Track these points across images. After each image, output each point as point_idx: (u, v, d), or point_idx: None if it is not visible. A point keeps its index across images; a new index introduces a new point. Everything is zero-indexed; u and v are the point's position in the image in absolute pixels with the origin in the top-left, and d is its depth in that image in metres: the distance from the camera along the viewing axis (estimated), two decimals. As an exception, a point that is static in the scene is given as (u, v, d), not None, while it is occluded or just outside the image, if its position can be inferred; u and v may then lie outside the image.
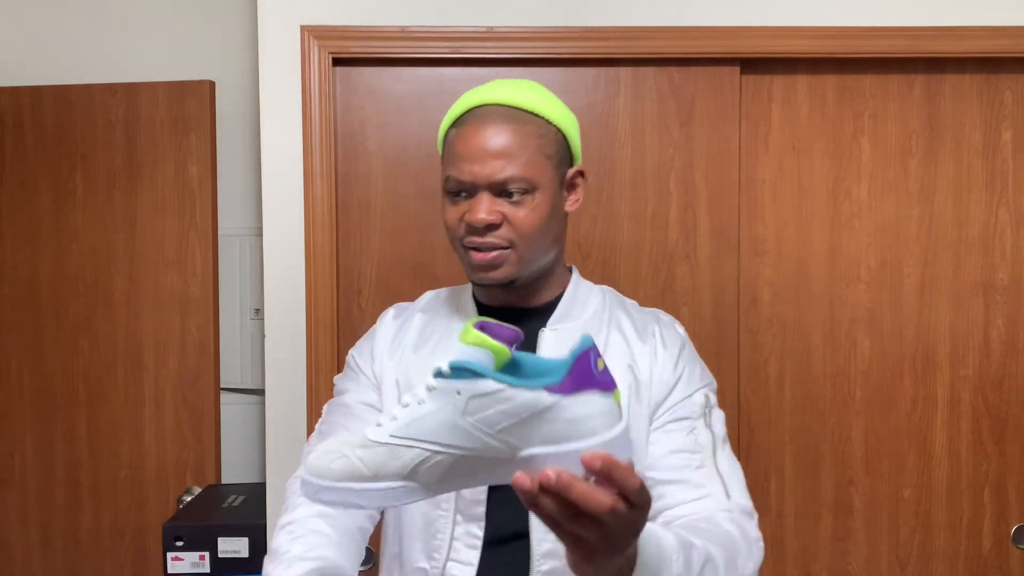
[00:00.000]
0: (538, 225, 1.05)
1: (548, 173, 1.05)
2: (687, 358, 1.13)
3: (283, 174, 1.85)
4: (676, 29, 1.83)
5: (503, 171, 1.02)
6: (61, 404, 2.25)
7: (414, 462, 0.71)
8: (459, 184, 1.04)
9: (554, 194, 1.07)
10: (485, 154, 1.02)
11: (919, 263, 1.94)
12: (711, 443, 1.07)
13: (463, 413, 0.70)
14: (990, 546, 1.95)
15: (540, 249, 1.07)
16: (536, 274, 1.10)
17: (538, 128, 1.05)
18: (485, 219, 1.02)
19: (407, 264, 1.90)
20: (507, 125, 1.03)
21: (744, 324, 1.92)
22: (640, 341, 1.12)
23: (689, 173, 1.90)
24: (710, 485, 1.03)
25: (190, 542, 1.89)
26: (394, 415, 0.73)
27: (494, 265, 1.05)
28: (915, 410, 1.95)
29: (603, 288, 1.20)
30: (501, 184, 1.02)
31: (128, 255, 2.23)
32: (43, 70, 2.29)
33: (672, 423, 1.08)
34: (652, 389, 1.09)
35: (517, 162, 1.02)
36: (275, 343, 1.87)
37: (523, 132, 1.03)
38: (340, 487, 0.73)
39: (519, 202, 1.03)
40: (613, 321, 1.14)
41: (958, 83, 1.92)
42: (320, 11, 1.83)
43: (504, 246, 1.04)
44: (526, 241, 1.05)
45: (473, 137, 1.03)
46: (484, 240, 1.04)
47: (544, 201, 1.05)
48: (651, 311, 1.19)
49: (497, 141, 1.02)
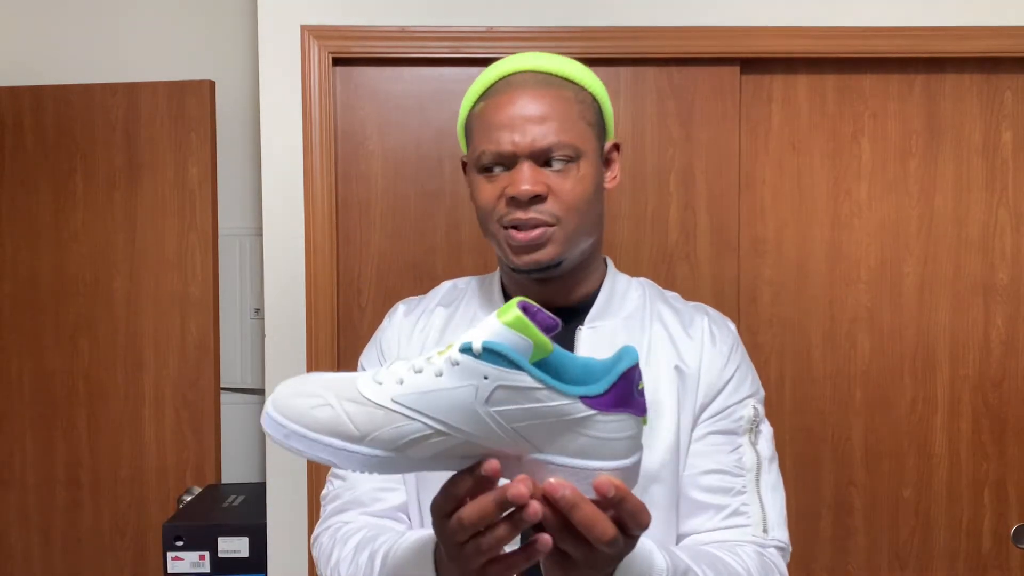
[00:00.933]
0: (584, 198, 0.95)
1: (591, 141, 0.97)
2: (738, 360, 1.03)
3: (283, 174, 1.85)
4: (676, 29, 1.83)
5: (546, 137, 0.93)
6: (61, 404, 2.25)
7: (411, 436, 0.64)
8: (496, 156, 0.95)
9: (597, 166, 0.98)
10: (525, 120, 0.93)
11: (919, 263, 1.94)
12: (755, 465, 0.98)
13: (485, 401, 0.63)
14: (990, 546, 1.95)
15: (585, 228, 0.98)
16: (577, 261, 1.00)
17: (576, 94, 0.97)
18: (530, 190, 0.92)
19: (407, 264, 1.90)
20: (545, 90, 0.95)
21: (744, 324, 1.92)
22: (686, 335, 1.03)
23: (689, 173, 1.90)
24: (748, 514, 0.95)
25: (190, 542, 1.89)
26: (400, 377, 0.65)
27: (538, 244, 0.94)
28: (915, 410, 1.95)
29: (641, 281, 1.11)
30: (545, 151, 0.93)
31: (128, 255, 2.23)
32: (43, 70, 2.29)
33: (715, 435, 0.99)
34: (699, 390, 0.99)
35: (561, 127, 0.93)
36: (275, 343, 1.87)
37: (562, 97, 0.95)
38: (317, 439, 0.64)
39: (564, 172, 0.94)
40: (655, 316, 1.05)
41: (958, 83, 1.92)
42: (320, 11, 1.83)
43: (550, 222, 0.94)
44: (573, 216, 0.95)
45: (509, 105, 0.94)
46: (528, 216, 0.94)
47: (589, 172, 0.96)
48: (697, 304, 1.10)
49: (536, 107, 0.94)
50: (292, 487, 1.87)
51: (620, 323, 1.03)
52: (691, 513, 0.97)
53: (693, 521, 0.96)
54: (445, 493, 0.68)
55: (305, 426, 0.64)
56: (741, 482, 0.97)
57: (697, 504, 0.97)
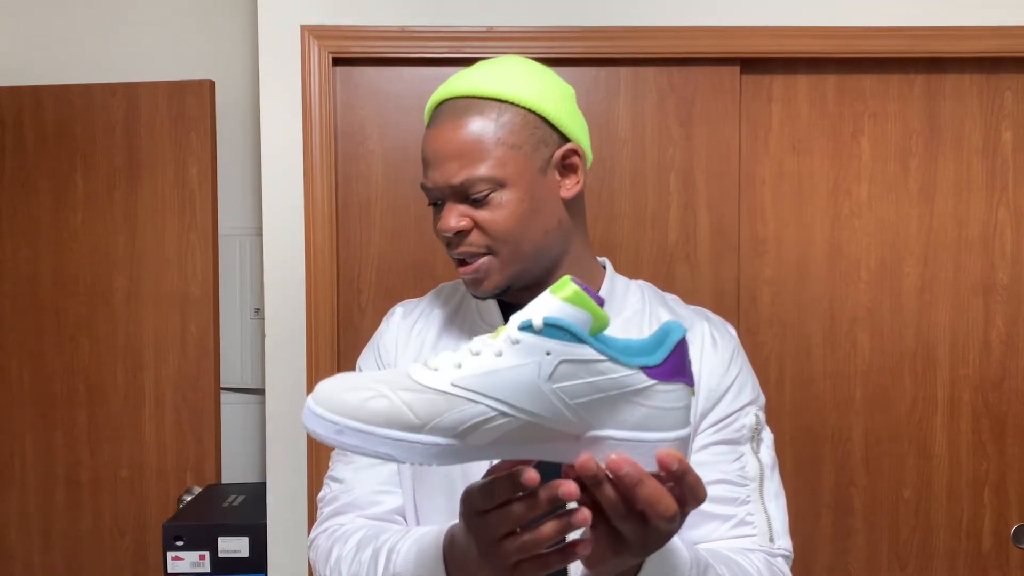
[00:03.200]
0: (512, 224, 0.94)
1: (517, 164, 0.93)
2: (739, 366, 1.02)
3: (283, 174, 1.85)
4: (676, 29, 1.83)
5: (457, 175, 0.92)
6: (61, 404, 2.25)
7: (473, 419, 0.62)
8: (428, 192, 0.97)
9: (531, 185, 0.94)
10: (440, 158, 0.94)
11: (919, 263, 1.94)
12: (758, 474, 0.97)
13: (548, 377, 0.61)
14: (990, 546, 1.95)
15: (528, 248, 0.96)
16: (541, 274, 0.99)
17: (498, 115, 0.93)
18: (452, 227, 0.94)
19: (407, 264, 1.90)
20: (460, 121, 0.93)
21: (744, 324, 1.92)
22: None
23: (689, 173, 1.90)
24: (754, 524, 0.95)
25: (190, 542, 1.89)
26: (457, 362, 0.64)
27: (478, 278, 0.96)
28: (915, 410, 1.95)
29: (641, 283, 1.09)
30: (459, 189, 0.93)
31: (128, 255, 2.23)
32: (43, 70, 2.29)
33: (718, 445, 0.98)
34: (700, 395, 0.98)
35: (470, 162, 0.92)
36: (275, 343, 1.87)
37: (478, 125, 0.93)
38: (373, 432, 0.62)
39: (485, 203, 0.93)
40: (655, 320, 1.04)
41: (958, 83, 1.92)
42: (320, 11, 1.83)
43: (482, 253, 0.95)
44: (506, 244, 0.94)
45: (431, 141, 0.95)
46: (460, 251, 0.95)
47: (515, 196, 0.93)
48: (698, 308, 1.08)
49: (449, 143, 0.93)
50: (292, 487, 1.87)
51: (619, 326, 1.02)
52: (696, 523, 0.95)
53: (699, 531, 0.95)
54: (484, 493, 0.67)
55: (360, 420, 0.62)
56: (745, 492, 0.96)
57: (702, 514, 0.95)
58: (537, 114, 0.95)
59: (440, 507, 0.99)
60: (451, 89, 0.96)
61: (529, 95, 0.95)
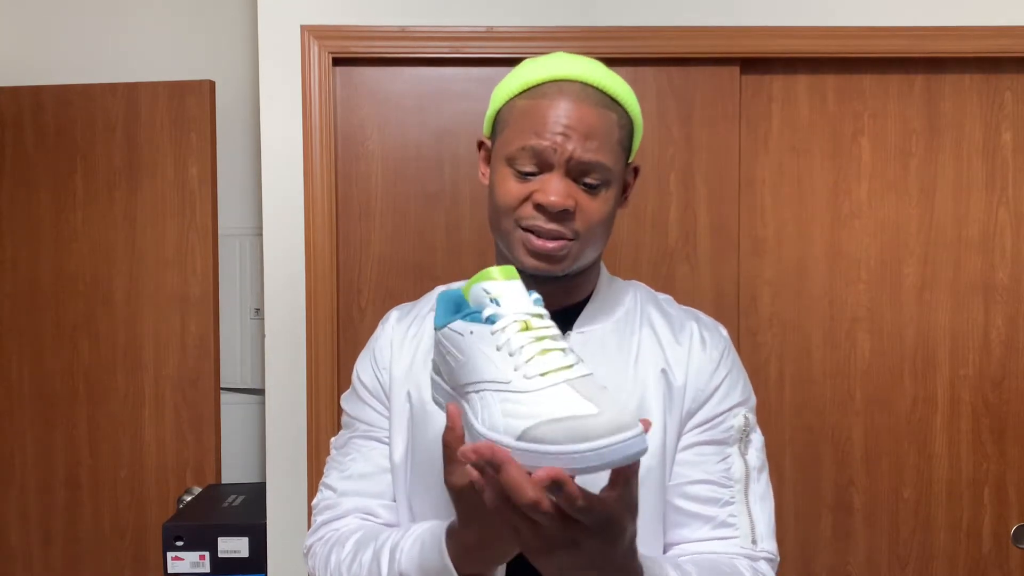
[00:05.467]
0: (606, 219, 0.96)
1: (620, 166, 0.97)
2: (728, 366, 1.01)
3: (283, 174, 1.85)
4: (676, 29, 1.83)
5: (588, 153, 0.91)
6: (61, 404, 2.25)
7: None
8: (536, 157, 0.92)
9: (619, 189, 0.98)
10: (572, 130, 0.91)
11: (919, 263, 1.94)
12: (744, 475, 0.97)
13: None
14: (990, 546, 1.95)
15: (596, 246, 0.98)
16: (578, 271, 1.00)
17: (619, 118, 0.95)
18: (561, 203, 0.91)
19: (407, 264, 1.90)
20: (595, 108, 0.93)
21: (744, 324, 1.92)
22: (675, 341, 1.01)
23: (689, 173, 1.90)
24: (737, 526, 0.95)
25: (190, 542, 1.89)
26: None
27: (556, 256, 0.94)
28: (915, 410, 1.95)
29: (634, 284, 1.10)
30: (584, 166, 0.92)
31: (128, 255, 2.23)
32: (43, 70, 2.29)
33: (704, 445, 0.97)
34: (686, 396, 0.98)
35: (602, 148, 0.92)
36: (275, 343, 1.87)
37: (609, 120, 0.94)
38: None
39: (594, 191, 0.93)
40: (645, 320, 1.04)
41: (958, 83, 1.92)
42: (320, 11, 1.83)
43: (570, 237, 0.93)
44: (592, 235, 0.95)
45: (558, 110, 0.92)
46: (551, 227, 0.92)
47: (614, 195, 0.96)
48: (689, 309, 1.08)
49: (586, 121, 0.92)
50: (292, 487, 1.87)
51: (610, 327, 1.02)
52: (678, 523, 0.96)
53: (680, 531, 0.96)
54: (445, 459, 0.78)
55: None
56: (729, 493, 0.96)
57: (685, 514, 0.96)
58: (634, 127, 0.99)
59: (437, 505, 0.99)
60: (576, 72, 0.95)
61: (635, 108, 0.99)
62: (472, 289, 0.76)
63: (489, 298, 0.74)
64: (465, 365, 0.74)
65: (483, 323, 0.74)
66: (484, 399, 0.71)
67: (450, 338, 0.76)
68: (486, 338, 0.73)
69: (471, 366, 0.73)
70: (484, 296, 0.75)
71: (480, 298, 0.75)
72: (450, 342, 0.76)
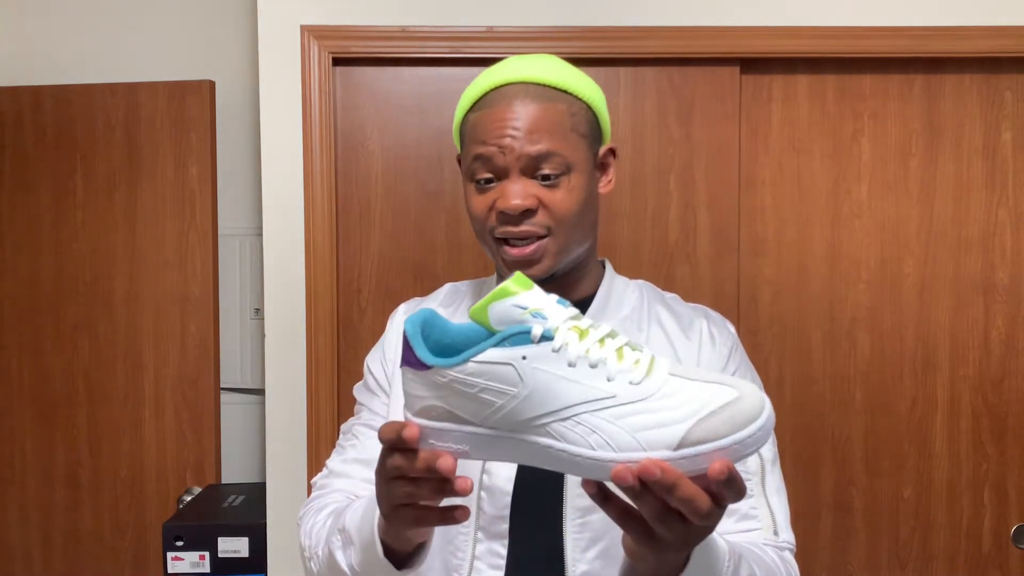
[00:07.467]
0: (576, 209, 0.95)
1: (583, 152, 0.96)
2: (738, 361, 1.02)
3: (283, 174, 1.85)
4: (676, 29, 1.83)
5: (536, 146, 0.92)
6: (61, 404, 2.25)
7: None
8: (487, 164, 0.94)
9: (590, 175, 0.98)
10: (515, 130, 0.92)
11: (919, 263, 1.94)
12: (760, 468, 0.97)
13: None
14: (990, 546, 1.95)
15: (578, 237, 0.98)
16: (571, 266, 1.01)
17: (568, 106, 0.95)
18: (520, 204, 0.92)
19: (407, 264, 1.90)
20: (536, 103, 0.93)
21: (744, 324, 1.92)
22: (684, 338, 1.02)
23: (689, 173, 1.90)
24: (759, 518, 0.95)
25: (190, 542, 1.89)
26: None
27: (533, 260, 0.95)
28: (915, 410, 1.95)
29: (639, 282, 1.10)
30: (535, 160, 0.93)
31: (128, 255, 2.23)
32: (43, 70, 2.29)
33: None
34: None
35: (551, 139, 0.93)
36: (275, 343, 1.87)
37: (554, 110, 0.94)
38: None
39: (555, 184, 0.93)
40: (653, 318, 1.04)
41: (958, 83, 1.92)
42: (320, 11, 1.83)
43: (542, 234, 0.94)
44: (565, 228, 0.95)
45: (500, 116, 0.93)
46: (519, 229, 0.93)
47: (580, 183, 0.95)
48: (697, 306, 1.09)
49: (527, 119, 0.93)
50: (292, 487, 1.87)
51: (617, 325, 1.02)
52: None
53: None
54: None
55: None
56: (748, 486, 0.95)
57: None
58: (594, 111, 0.99)
59: None
60: (514, 74, 0.96)
61: (589, 92, 0.98)
62: (494, 310, 0.66)
63: (530, 313, 0.65)
64: (530, 397, 0.63)
65: (535, 343, 0.64)
66: (583, 424, 0.62)
67: (483, 373, 0.64)
68: (550, 358, 0.63)
69: (542, 395, 0.63)
70: (520, 313, 0.65)
71: (513, 317, 0.65)
72: (485, 378, 0.64)
